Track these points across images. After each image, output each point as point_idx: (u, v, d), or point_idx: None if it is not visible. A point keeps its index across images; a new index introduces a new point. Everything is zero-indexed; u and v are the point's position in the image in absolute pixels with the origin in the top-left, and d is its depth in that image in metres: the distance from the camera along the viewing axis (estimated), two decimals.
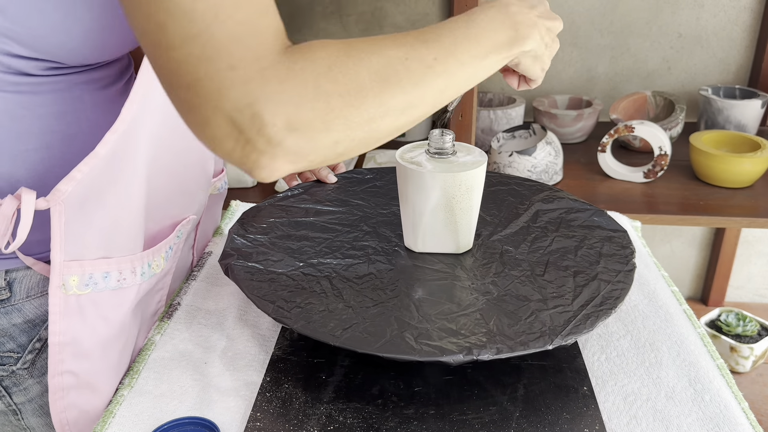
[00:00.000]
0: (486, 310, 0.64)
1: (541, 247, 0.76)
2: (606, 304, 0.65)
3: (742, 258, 1.87)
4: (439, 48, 0.52)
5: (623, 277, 0.70)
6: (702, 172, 1.39)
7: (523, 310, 0.64)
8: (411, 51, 0.50)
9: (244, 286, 0.68)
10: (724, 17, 1.63)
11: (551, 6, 1.63)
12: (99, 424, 0.62)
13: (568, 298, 0.66)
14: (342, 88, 0.46)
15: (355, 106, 0.46)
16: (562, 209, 0.84)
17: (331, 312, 0.63)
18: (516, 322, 0.62)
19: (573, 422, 0.59)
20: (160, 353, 0.71)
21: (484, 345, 0.59)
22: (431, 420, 0.59)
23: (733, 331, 1.66)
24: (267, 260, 0.72)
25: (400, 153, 0.73)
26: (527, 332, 0.61)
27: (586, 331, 0.61)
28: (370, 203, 0.86)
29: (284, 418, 0.60)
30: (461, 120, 1.24)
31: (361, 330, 0.61)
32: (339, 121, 0.46)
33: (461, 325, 0.62)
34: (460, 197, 0.71)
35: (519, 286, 0.68)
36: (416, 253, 0.75)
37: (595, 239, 0.77)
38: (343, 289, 0.68)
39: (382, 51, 0.49)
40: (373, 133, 0.49)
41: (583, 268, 0.72)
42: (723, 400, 0.63)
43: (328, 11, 1.70)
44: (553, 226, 0.80)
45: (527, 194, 0.88)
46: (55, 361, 0.65)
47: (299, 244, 0.76)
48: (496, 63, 0.58)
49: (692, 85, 1.71)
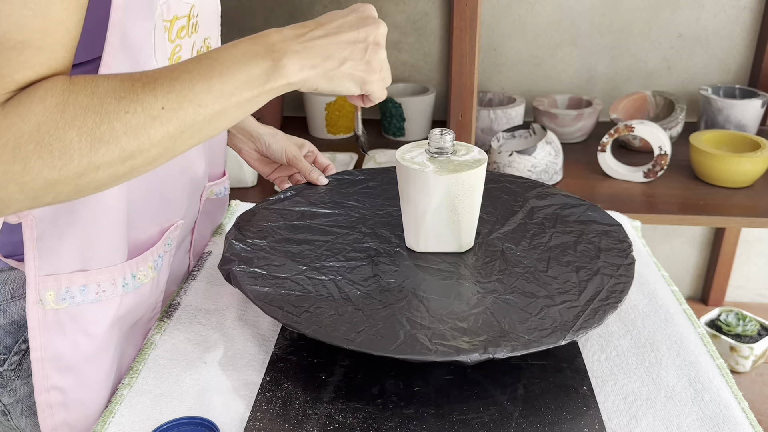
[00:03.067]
0: (495, 308, 0.65)
1: (541, 244, 0.76)
2: (612, 297, 0.66)
3: (741, 258, 1.87)
4: (170, 94, 0.50)
5: (624, 270, 0.71)
6: (702, 171, 1.39)
7: (532, 306, 0.65)
8: (134, 103, 0.49)
9: (249, 292, 0.67)
10: (724, 17, 1.63)
11: (550, 7, 1.63)
12: (99, 424, 0.62)
13: (574, 293, 0.67)
14: (44, 150, 0.45)
15: (57, 167, 0.46)
16: (557, 205, 0.85)
17: (341, 315, 0.63)
18: (526, 319, 0.63)
19: (573, 422, 0.59)
20: (160, 353, 0.71)
21: (498, 343, 0.59)
22: (431, 420, 0.59)
23: (733, 331, 1.66)
24: (269, 265, 0.72)
25: (400, 153, 0.73)
26: (539, 328, 0.61)
27: (596, 325, 0.62)
28: (365, 204, 0.86)
29: (284, 418, 0.60)
30: (461, 120, 1.24)
31: (374, 332, 0.61)
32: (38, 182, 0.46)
33: (473, 323, 0.62)
34: (462, 196, 0.71)
35: (524, 283, 0.69)
36: (418, 253, 0.75)
37: (592, 234, 0.78)
38: (350, 291, 0.67)
39: (102, 107, 0.48)
40: (89, 185, 0.49)
41: (584, 263, 0.72)
42: (723, 399, 0.63)
43: (327, 11, 1.70)
44: (549, 222, 0.81)
45: (520, 191, 0.88)
46: (39, 377, 0.64)
47: (299, 247, 0.76)
48: (255, 99, 0.55)
49: (692, 85, 1.71)
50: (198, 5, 0.69)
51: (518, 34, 1.69)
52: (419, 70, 1.75)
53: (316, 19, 0.59)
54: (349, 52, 0.58)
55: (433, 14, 1.68)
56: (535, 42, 1.69)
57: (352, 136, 1.67)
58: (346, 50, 0.58)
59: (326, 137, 1.65)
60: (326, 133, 1.64)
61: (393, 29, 1.70)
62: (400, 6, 1.68)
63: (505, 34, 1.69)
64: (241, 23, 1.74)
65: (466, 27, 1.15)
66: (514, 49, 1.71)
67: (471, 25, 1.15)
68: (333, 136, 1.65)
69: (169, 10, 0.63)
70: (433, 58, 1.73)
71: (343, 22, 0.59)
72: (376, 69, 0.59)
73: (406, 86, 1.70)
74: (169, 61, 0.65)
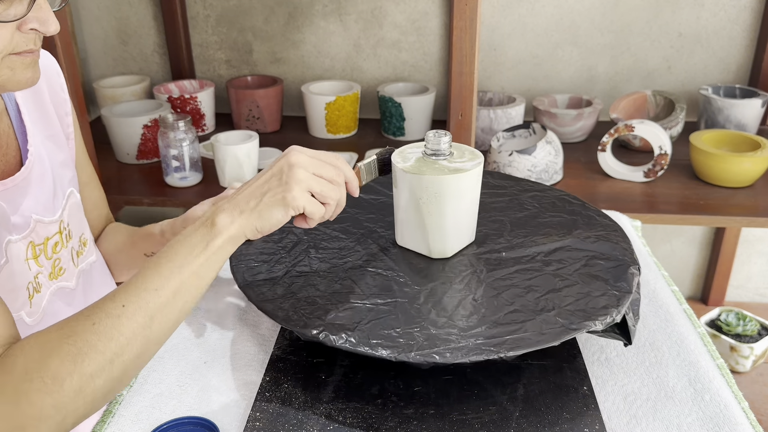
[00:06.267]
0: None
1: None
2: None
3: (742, 257, 1.87)
4: (127, 292, 0.56)
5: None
6: (702, 171, 1.39)
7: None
8: (98, 313, 0.54)
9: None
10: (724, 16, 1.63)
11: (550, 6, 1.63)
12: (98, 424, 0.62)
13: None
14: (38, 383, 0.50)
15: (54, 391, 0.51)
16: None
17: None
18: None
19: (573, 422, 0.59)
20: (160, 353, 0.71)
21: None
22: (431, 420, 0.59)
23: (733, 331, 1.66)
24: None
25: (403, 147, 0.74)
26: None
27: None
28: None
29: (284, 418, 0.59)
30: (461, 119, 1.24)
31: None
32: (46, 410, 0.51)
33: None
34: (427, 200, 0.70)
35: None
36: (420, 256, 0.75)
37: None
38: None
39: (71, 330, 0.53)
40: (94, 394, 0.53)
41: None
42: (723, 399, 0.63)
43: (327, 10, 1.70)
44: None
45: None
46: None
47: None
48: (207, 263, 0.59)
49: (692, 85, 1.71)
50: (66, 214, 0.74)
51: (518, 33, 1.69)
52: (419, 70, 1.75)
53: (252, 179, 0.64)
54: (267, 187, 0.62)
55: (433, 14, 1.68)
56: (535, 42, 1.69)
57: (353, 135, 1.67)
58: (264, 187, 0.62)
59: (326, 137, 1.65)
60: (326, 133, 1.64)
61: (393, 29, 1.70)
62: (400, 6, 1.68)
63: (505, 34, 1.69)
64: (241, 23, 1.74)
65: (466, 27, 1.15)
66: (514, 49, 1.71)
67: (471, 25, 1.15)
68: (333, 136, 1.65)
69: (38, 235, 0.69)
70: (433, 57, 1.73)
71: (266, 170, 0.63)
72: (293, 187, 0.61)
73: (406, 86, 1.70)
74: (50, 278, 0.71)
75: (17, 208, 0.67)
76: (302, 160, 0.62)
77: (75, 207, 0.77)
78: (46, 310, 0.70)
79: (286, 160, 0.62)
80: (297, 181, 0.61)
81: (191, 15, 1.74)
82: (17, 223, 0.67)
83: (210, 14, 1.74)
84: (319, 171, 0.63)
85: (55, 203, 0.72)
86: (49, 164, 0.73)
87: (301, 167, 0.62)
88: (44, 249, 0.70)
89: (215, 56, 1.79)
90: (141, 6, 1.74)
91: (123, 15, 1.76)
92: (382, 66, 1.75)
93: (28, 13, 0.56)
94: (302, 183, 0.61)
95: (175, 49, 1.73)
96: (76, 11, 1.76)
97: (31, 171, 0.69)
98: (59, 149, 0.76)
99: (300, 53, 1.75)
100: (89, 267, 0.79)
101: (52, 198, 0.72)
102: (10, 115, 0.70)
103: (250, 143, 1.33)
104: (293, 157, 0.62)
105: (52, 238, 0.71)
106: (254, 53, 1.77)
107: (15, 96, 0.71)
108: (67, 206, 0.75)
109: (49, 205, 0.71)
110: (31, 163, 0.69)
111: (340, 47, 1.73)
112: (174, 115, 1.34)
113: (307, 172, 0.62)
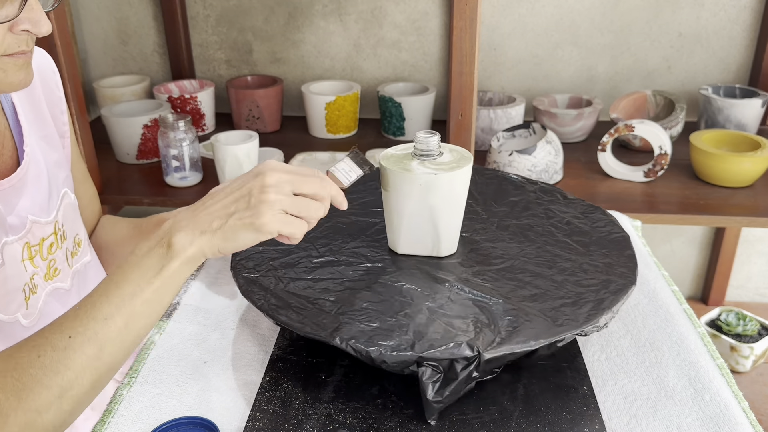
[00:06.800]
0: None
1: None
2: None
3: (742, 257, 1.87)
4: (74, 322, 0.54)
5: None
6: (702, 171, 1.39)
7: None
8: (43, 345, 0.52)
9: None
10: (724, 16, 1.63)
11: (550, 6, 1.63)
12: (98, 424, 0.62)
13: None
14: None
15: None
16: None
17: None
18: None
19: (573, 422, 0.59)
20: (160, 353, 0.71)
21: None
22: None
23: (733, 331, 1.66)
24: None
25: (393, 147, 0.74)
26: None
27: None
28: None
29: (284, 418, 0.59)
30: (461, 119, 1.24)
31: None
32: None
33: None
34: (418, 200, 0.70)
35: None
36: (418, 255, 0.75)
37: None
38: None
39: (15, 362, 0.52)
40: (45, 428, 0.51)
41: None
42: (723, 399, 0.63)
43: (327, 10, 1.69)
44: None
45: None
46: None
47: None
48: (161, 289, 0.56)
49: (692, 85, 1.71)
50: (60, 215, 0.74)
51: (518, 33, 1.69)
52: (419, 70, 1.75)
53: (210, 192, 0.62)
54: (233, 208, 0.59)
55: (433, 14, 1.68)
56: (535, 41, 1.69)
57: (353, 135, 1.67)
58: (230, 207, 0.59)
59: (326, 137, 1.65)
60: (326, 132, 1.64)
61: (393, 29, 1.70)
62: (400, 6, 1.68)
63: (505, 34, 1.69)
64: (241, 23, 1.74)
65: (466, 27, 1.15)
66: (514, 49, 1.71)
67: (471, 25, 1.14)
68: (333, 135, 1.65)
69: (34, 236, 0.69)
70: (433, 57, 1.73)
71: (232, 186, 0.60)
72: (264, 211, 0.58)
73: (406, 86, 1.70)
74: (46, 279, 0.71)
75: (13, 209, 0.67)
76: (275, 180, 0.59)
77: (69, 207, 0.77)
78: (42, 312, 0.70)
79: (258, 182, 0.59)
80: (269, 205, 0.58)
81: (191, 15, 1.74)
82: (13, 224, 0.67)
83: (210, 14, 1.74)
84: (299, 188, 0.60)
85: (50, 204, 0.72)
86: (44, 165, 0.73)
87: (273, 188, 0.58)
88: (40, 250, 0.70)
89: (215, 56, 1.79)
90: (141, 6, 1.74)
91: (123, 15, 1.76)
92: (382, 66, 1.75)
93: (20, 14, 0.56)
94: (274, 205, 0.58)
95: (175, 49, 1.73)
96: (76, 11, 1.76)
97: (27, 171, 0.69)
98: (53, 149, 0.76)
99: (300, 53, 1.75)
100: (83, 267, 0.79)
101: (47, 199, 0.72)
102: (6, 116, 0.70)
103: (250, 143, 1.33)
104: (267, 178, 0.59)
105: (48, 239, 0.71)
106: (254, 53, 1.77)
107: (11, 96, 0.71)
108: (62, 207, 0.75)
109: (44, 206, 0.71)
110: (27, 164, 0.69)
111: (340, 47, 1.73)
112: (174, 115, 1.34)
113: (280, 193, 0.59)
